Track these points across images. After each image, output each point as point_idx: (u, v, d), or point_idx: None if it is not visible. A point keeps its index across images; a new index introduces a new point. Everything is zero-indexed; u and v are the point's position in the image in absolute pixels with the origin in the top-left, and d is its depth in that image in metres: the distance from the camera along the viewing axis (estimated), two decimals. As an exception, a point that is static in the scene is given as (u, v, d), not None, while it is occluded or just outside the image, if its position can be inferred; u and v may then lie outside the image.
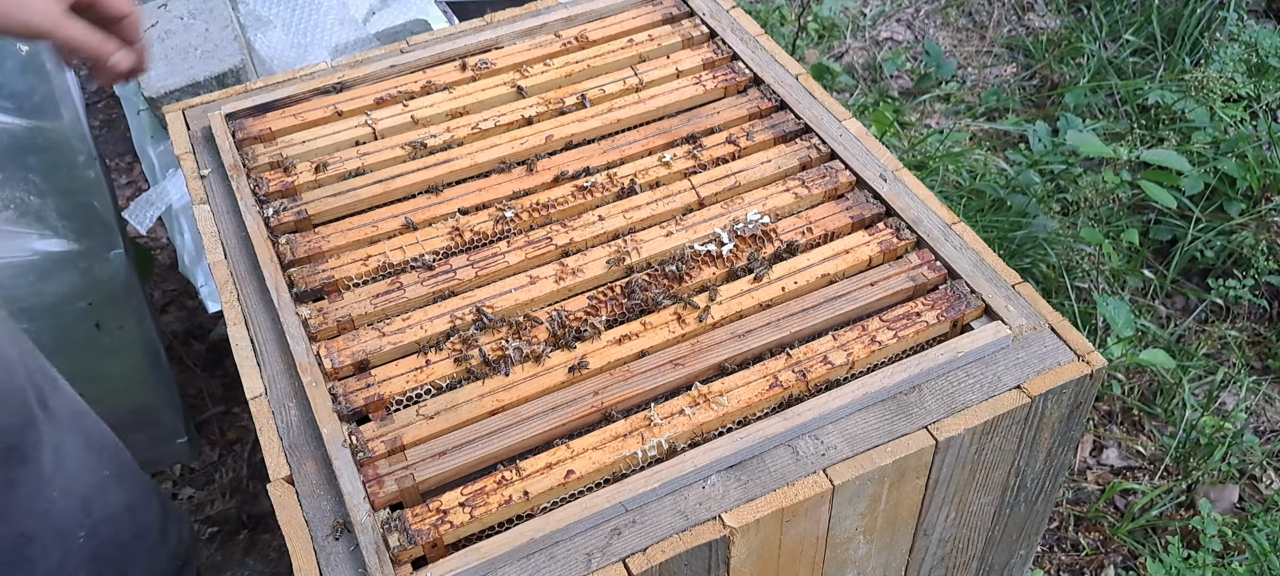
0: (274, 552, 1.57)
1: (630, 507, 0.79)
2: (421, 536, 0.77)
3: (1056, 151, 2.12)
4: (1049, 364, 0.89)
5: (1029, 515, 1.02)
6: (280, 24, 1.56)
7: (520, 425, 0.85)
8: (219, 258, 1.00)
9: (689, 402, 0.86)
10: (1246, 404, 1.78)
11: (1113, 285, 1.95)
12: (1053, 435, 0.93)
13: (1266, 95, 2.27)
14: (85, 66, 0.68)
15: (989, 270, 0.96)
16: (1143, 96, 2.29)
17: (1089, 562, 1.61)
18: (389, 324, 0.93)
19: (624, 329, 0.92)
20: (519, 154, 1.10)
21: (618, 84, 1.18)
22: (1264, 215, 2.00)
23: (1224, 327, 1.91)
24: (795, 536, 0.83)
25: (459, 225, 1.01)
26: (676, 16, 1.27)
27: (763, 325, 0.92)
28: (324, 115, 1.14)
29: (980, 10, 2.72)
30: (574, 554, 0.77)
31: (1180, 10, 2.45)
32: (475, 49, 1.22)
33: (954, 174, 2.16)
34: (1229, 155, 2.06)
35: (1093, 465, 1.73)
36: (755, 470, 0.82)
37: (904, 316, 0.92)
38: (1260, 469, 1.70)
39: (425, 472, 0.82)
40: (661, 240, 1.00)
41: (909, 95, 2.45)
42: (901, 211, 1.01)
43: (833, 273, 0.96)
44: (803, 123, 1.12)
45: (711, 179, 1.06)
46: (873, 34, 2.65)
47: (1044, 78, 2.51)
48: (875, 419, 0.85)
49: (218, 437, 1.72)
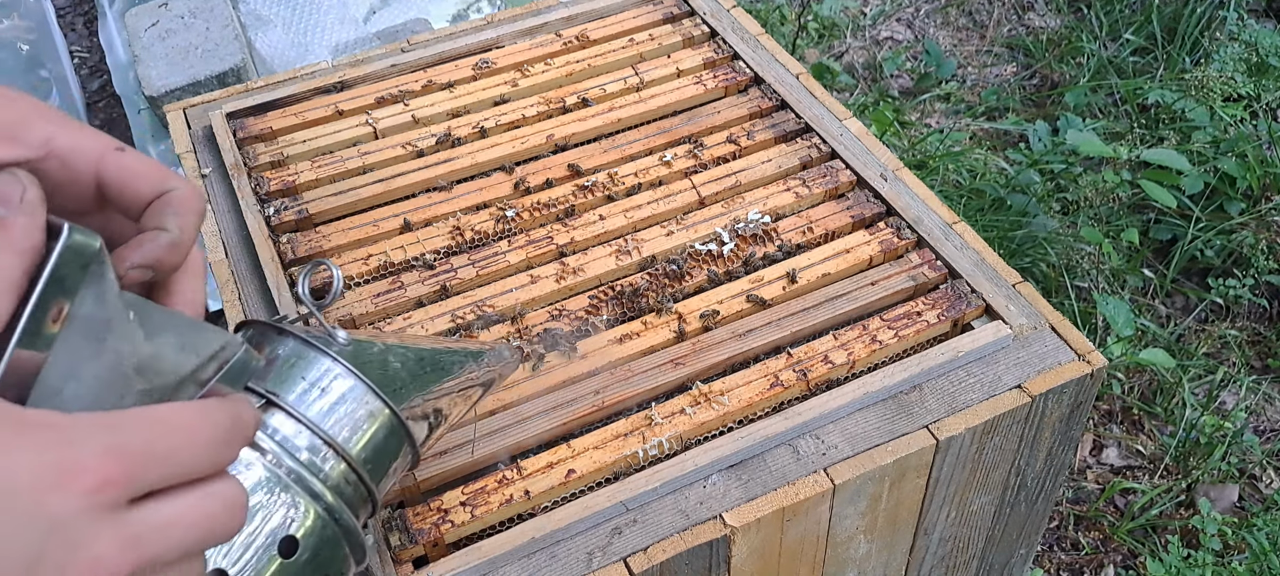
0: (274, 551, 1.57)
1: (631, 507, 0.79)
2: (422, 535, 0.77)
3: (1056, 151, 2.12)
4: (1049, 363, 0.89)
5: (1029, 514, 1.02)
6: (281, 23, 1.57)
7: (521, 425, 0.85)
8: (220, 256, 1.00)
9: (690, 402, 0.86)
10: (1246, 403, 1.78)
11: (1113, 284, 1.95)
12: (1053, 434, 0.93)
13: (1266, 94, 2.27)
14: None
15: (989, 270, 0.97)
16: (1143, 96, 2.29)
17: (1089, 562, 1.61)
18: (390, 323, 0.93)
19: (624, 328, 0.92)
20: (519, 153, 1.10)
21: (618, 83, 1.18)
22: (1264, 214, 2.01)
23: (1224, 327, 1.91)
24: (796, 535, 0.83)
25: (459, 224, 1.01)
26: (677, 16, 1.27)
27: (763, 325, 0.92)
28: (325, 114, 1.14)
29: (980, 10, 2.72)
30: (575, 553, 0.77)
31: (1180, 10, 2.45)
32: (476, 48, 1.22)
33: (954, 173, 2.16)
34: (1229, 155, 2.06)
35: (1093, 464, 1.73)
36: (756, 469, 0.82)
37: (904, 316, 0.92)
38: (1260, 468, 1.71)
39: (426, 471, 0.82)
40: (662, 239, 1.00)
41: (909, 95, 2.45)
42: (902, 211, 1.01)
43: (833, 272, 0.96)
44: (803, 122, 1.12)
45: (712, 178, 1.06)
46: (873, 33, 2.65)
47: (1044, 77, 2.51)
48: (876, 418, 0.85)
49: (218, 437, 1.72)
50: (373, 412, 0.62)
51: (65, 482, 0.39)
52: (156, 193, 0.53)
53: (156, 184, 0.53)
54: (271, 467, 0.57)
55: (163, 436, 0.42)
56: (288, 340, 0.62)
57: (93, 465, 0.40)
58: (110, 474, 0.40)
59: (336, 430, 0.60)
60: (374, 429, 0.62)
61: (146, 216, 0.52)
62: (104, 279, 0.45)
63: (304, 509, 0.57)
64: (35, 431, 0.39)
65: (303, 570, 0.56)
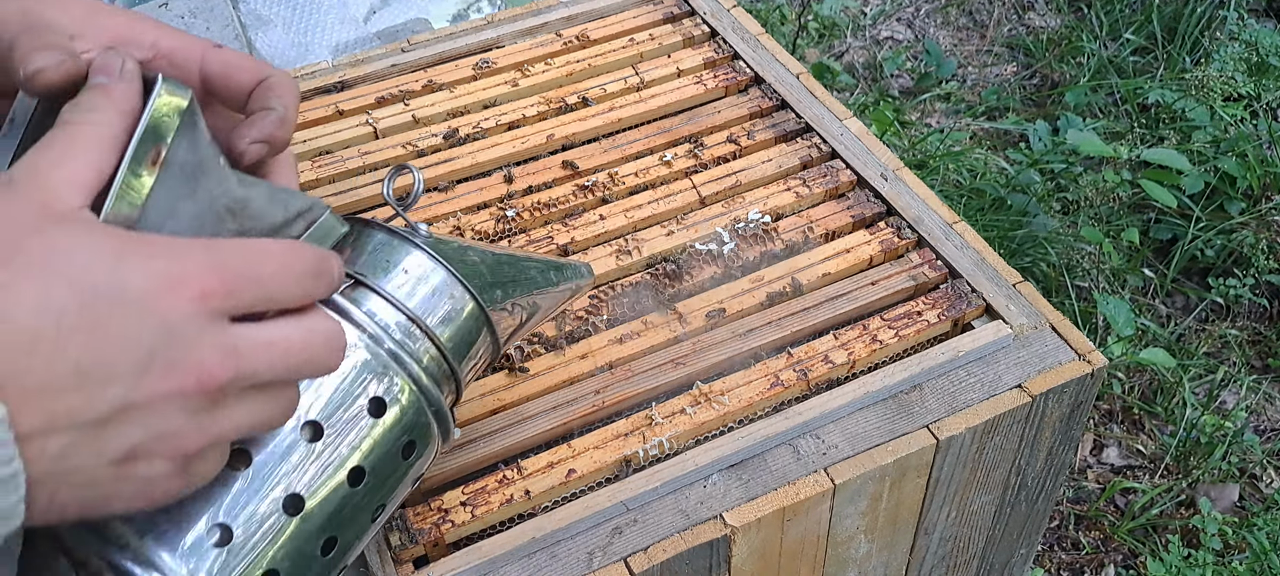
0: (275, 551, 1.57)
1: (631, 506, 0.79)
2: (423, 535, 0.77)
3: (1057, 150, 2.12)
4: (1050, 363, 0.89)
5: (1030, 514, 1.02)
6: (281, 23, 1.57)
7: (521, 424, 0.85)
8: (220, 257, 1.00)
9: (690, 402, 0.86)
10: (1247, 403, 1.78)
11: (1113, 284, 1.95)
12: (1053, 434, 0.93)
13: (1267, 94, 2.27)
14: None
15: (990, 269, 0.97)
16: (1143, 95, 2.29)
17: (1089, 561, 1.61)
18: (390, 323, 0.93)
19: (624, 328, 0.92)
20: (520, 153, 1.10)
21: (618, 83, 1.18)
22: (1264, 214, 2.01)
23: (1224, 327, 1.91)
24: (796, 535, 0.83)
25: (460, 224, 1.01)
26: (677, 16, 1.27)
27: (763, 324, 0.92)
28: (325, 114, 1.14)
29: (980, 9, 2.71)
30: (575, 553, 0.77)
31: (1180, 9, 2.45)
32: (476, 48, 1.22)
33: (954, 173, 2.16)
34: (1229, 154, 2.06)
35: (1093, 464, 1.73)
36: (756, 469, 0.82)
37: (905, 315, 0.92)
38: (1260, 468, 1.71)
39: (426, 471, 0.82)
40: (662, 239, 1.00)
41: (909, 94, 2.45)
42: (902, 210, 1.01)
43: (834, 272, 0.96)
44: (803, 122, 1.12)
45: (712, 178, 1.06)
46: (873, 33, 2.65)
47: (1044, 77, 2.51)
48: (876, 418, 0.85)
49: (218, 437, 1.72)
50: (456, 299, 0.65)
51: (174, 288, 0.42)
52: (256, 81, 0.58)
53: (255, 73, 0.58)
54: (370, 344, 0.59)
55: (258, 260, 0.46)
56: (374, 231, 0.65)
57: (197, 275, 0.43)
58: (212, 285, 0.44)
59: (425, 313, 0.63)
60: (459, 315, 0.65)
61: (252, 101, 0.58)
62: (196, 127, 0.51)
63: (399, 384, 0.60)
64: (144, 245, 0.43)
65: (395, 439, 0.60)
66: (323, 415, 0.57)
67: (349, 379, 0.58)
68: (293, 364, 0.48)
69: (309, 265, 0.49)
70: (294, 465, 0.55)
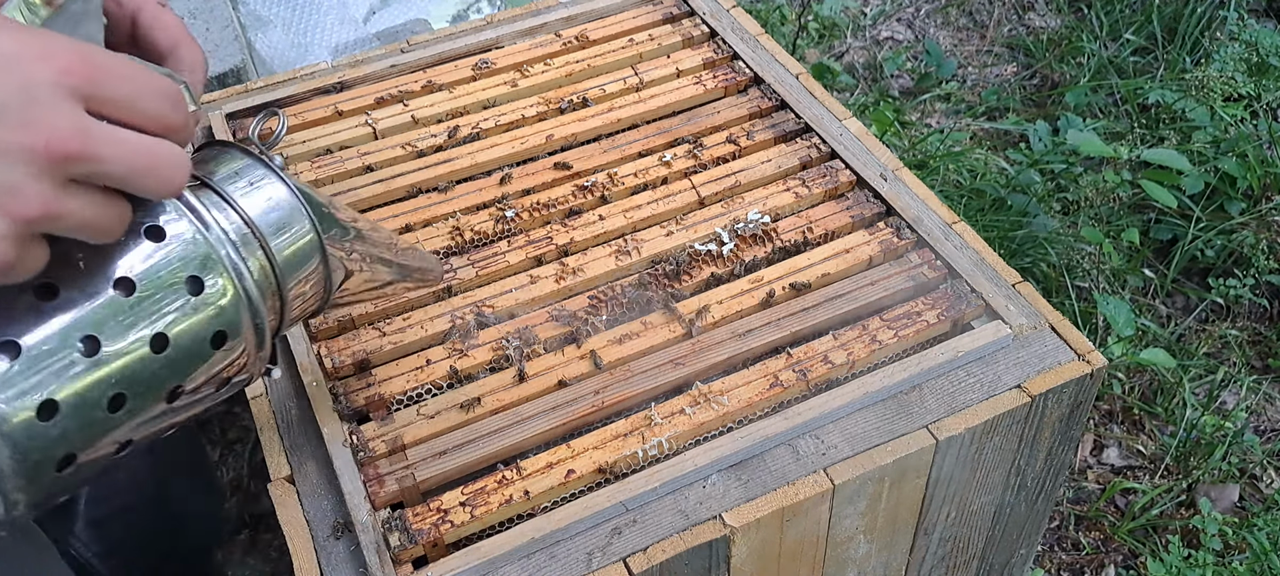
0: (275, 552, 1.57)
1: (631, 507, 0.79)
2: (422, 536, 0.77)
3: (1057, 151, 2.12)
4: (1049, 363, 0.89)
5: (1029, 514, 1.02)
6: (280, 23, 1.57)
7: (520, 424, 0.85)
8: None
9: (689, 402, 0.86)
10: (1247, 403, 1.78)
11: (1113, 284, 1.95)
12: (1053, 434, 0.93)
13: (1267, 94, 2.27)
14: None
15: (989, 270, 0.96)
16: (1143, 96, 2.29)
17: (1089, 561, 1.61)
18: (390, 323, 0.93)
19: (624, 328, 0.92)
20: (519, 153, 1.10)
21: (618, 83, 1.18)
22: (1264, 214, 2.00)
23: (1224, 327, 1.91)
24: (796, 535, 0.83)
25: (459, 225, 1.01)
26: (677, 16, 1.27)
27: (763, 325, 0.92)
28: (324, 115, 1.14)
29: (980, 10, 2.71)
30: (575, 553, 0.77)
31: (1180, 10, 2.45)
32: (476, 49, 1.22)
33: (954, 173, 2.16)
34: (1229, 154, 2.06)
35: (1093, 464, 1.73)
36: (756, 469, 0.82)
37: (904, 316, 0.92)
38: (1261, 468, 1.70)
39: (426, 472, 0.82)
40: (662, 240, 1.00)
41: (909, 95, 2.45)
42: (902, 211, 1.01)
43: (833, 272, 0.96)
44: (803, 122, 1.12)
45: (712, 178, 1.06)
46: (873, 33, 2.65)
47: (1044, 77, 2.51)
48: (876, 418, 0.85)
49: (218, 437, 1.72)
50: (293, 215, 0.67)
51: (41, 59, 0.47)
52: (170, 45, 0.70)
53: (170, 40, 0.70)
54: (200, 230, 0.61)
55: (121, 66, 0.51)
56: (230, 147, 0.69)
57: (64, 54, 0.48)
58: (76, 65, 0.48)
59: (260, 219, 0.65)
60: (292, 230, 0.67)
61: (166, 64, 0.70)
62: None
63: (222, 277, 0.62)
64: (24, 28, 0.49)
65: (206, 323, 0.61)
66: (139, 276, 0.58)
67: (173, 254, 0.59)
68: (138, 165, 0.51)
69: (168, 89, 0.53)
70: (98, 309, 0.56)
